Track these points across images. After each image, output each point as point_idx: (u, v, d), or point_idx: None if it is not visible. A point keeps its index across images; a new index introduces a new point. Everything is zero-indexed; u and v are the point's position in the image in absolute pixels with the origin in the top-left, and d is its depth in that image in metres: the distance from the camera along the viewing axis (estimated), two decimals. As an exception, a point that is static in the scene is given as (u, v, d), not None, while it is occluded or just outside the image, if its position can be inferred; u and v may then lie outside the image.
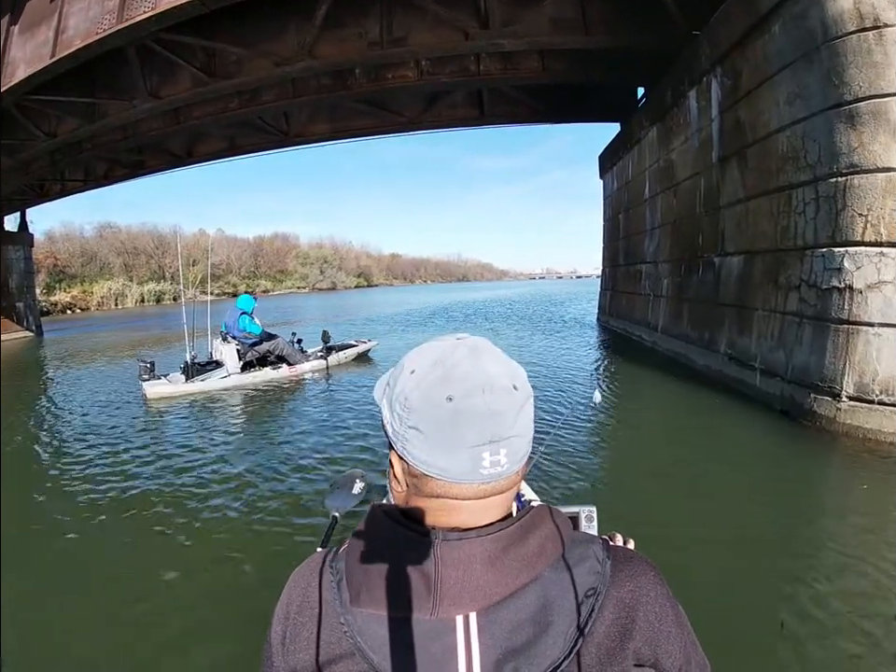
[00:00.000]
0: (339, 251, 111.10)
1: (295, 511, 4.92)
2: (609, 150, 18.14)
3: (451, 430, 0.74)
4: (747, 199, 8.66)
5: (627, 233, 16.54)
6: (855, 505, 4.82)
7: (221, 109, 15.91)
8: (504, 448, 0.75)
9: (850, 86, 6.29)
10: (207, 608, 3.45)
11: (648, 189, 14.03)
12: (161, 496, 5.36)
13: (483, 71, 13.82)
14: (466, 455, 0.75)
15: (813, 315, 6.86)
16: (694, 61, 10.12)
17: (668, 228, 12.59)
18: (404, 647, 0.73)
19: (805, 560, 3.76)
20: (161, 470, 6.13)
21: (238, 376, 10.62)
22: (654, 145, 13.26)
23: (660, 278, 13.22)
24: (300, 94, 15.07)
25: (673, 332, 12.02)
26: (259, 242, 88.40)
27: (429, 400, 0.76)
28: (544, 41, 11.74)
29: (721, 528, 4.28)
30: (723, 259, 9.58)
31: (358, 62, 12.95)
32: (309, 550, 1.39)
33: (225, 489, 5.51)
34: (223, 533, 4.54)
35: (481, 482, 0.76)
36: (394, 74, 14.18)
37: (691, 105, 10.62)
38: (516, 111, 17.52)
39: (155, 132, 17.37)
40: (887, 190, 6.09)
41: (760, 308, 8.18)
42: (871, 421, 6.10)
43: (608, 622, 0.75)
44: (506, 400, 0.76)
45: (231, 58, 12.95)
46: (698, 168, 10.52)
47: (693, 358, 10.60)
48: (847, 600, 3.25)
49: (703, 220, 10.43)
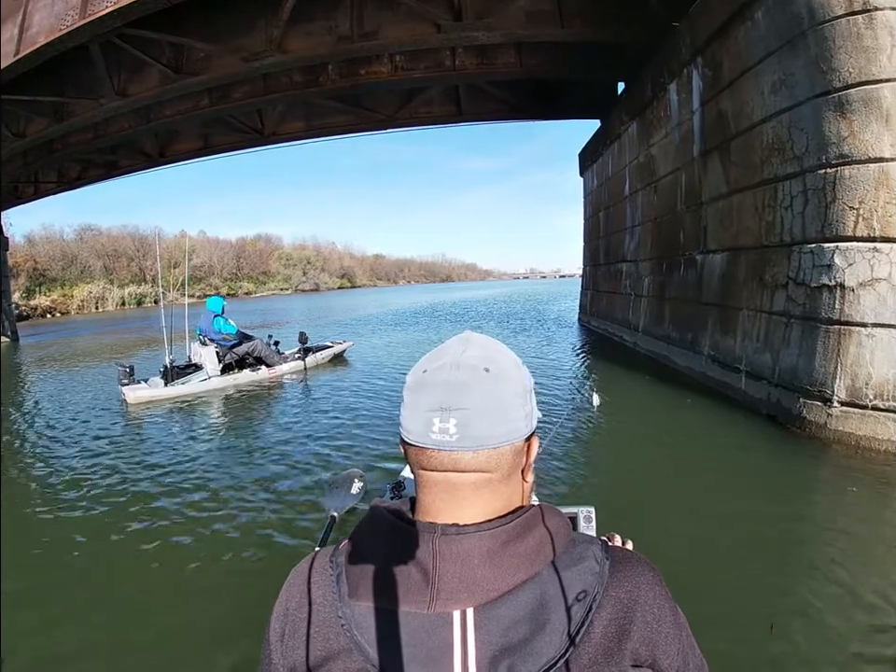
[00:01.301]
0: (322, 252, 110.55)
1: (290, 510, 4.87)
2: (589, 147, 17.78)
3: (414, 395, 0.80)
4: (730, 194, 8.22)
5: (608, 232, 16.19)
6: (847, 515, 4.50)
7: (192, 107, 15.60)
8: (454, 418, 0.76)
9: (839, 72, 5.88)
10: (206, 610, 3.42)
11: (628, 185, 13.63)
12: (149, 501, 5.24)
13: (459, 66, 13.45)
14: (420, 418, 0.78)
15: (801, 314, 6.42)
16: (674, 52, 9.69)
17: (649, 225, 12.17)
18: (401, 641, 0.73)
19: (792, 570, 3.64)
20: (149, 474, 5.97)
21: (218, 379, 10.50)
22: (634, 140, 12.84)
23: (641, 277, 12.81)
24: (271, 91, 14.75)
25: (654, 333, 11.60)
26: (242, 243, 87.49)
27: (413, 374, 0.82)
28: (519, 34, 11.38)
29: (705, 540, 4.08)
30: (706, 256, 9.14)
31: (329, 56, 12.63)
32: (307, 550, 1.55)
33: (216, 492, 5.40)
34: (217, 535, 4.48)
35: (431, 446, 0.77)
36: (367, 70, 13.83)
37: (671, 99, 10.19)
38: (494, 108, 17.21)
39: (126, 131, 17.05)
40: (879, 182, 5.67)
41: (744, 307, 7.73)
42: (864, 428, 5.68)
43: (605, 621, 0.73)
44: (470, 377, 0.78)
45: (198, 54, 12.69)
46: (679, 163, 10.08)
47: (674, 360, 10.17)
48: (837, 607, 3.21)
49: (684, 217, 10.00)
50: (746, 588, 3.38)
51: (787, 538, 4.06)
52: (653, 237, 11.95)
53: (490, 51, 13.15)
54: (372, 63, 13.68)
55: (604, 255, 16.75)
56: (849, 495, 4.77)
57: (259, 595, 3.22)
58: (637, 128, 12.59)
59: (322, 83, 14.20)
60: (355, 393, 9.65)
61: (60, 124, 15.29)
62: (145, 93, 13.70)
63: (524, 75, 13.99)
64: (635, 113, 12.54)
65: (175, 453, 6.74)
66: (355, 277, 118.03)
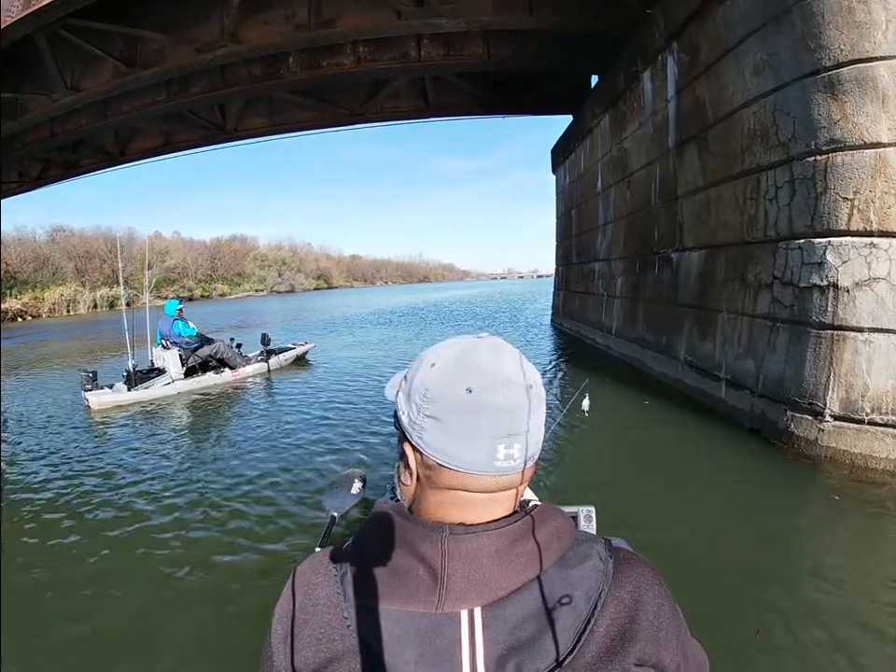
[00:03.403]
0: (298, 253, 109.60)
1: (275, 512, 4.79)
2: (561, 143, 17.09)
3: (469, 421, 0.74)
4: (707, 186, 7.49)
5: (580, 230, 15.49)
6: (837, 545, 3.98)
7: (150, 102, 14.94)
8: (518, 443, 0.75)
9: (829, 50, 5.17)
10: (204, 611, 3.35)
11: (600, 181, 12.91)
12: (120, 508, 5.06)
13: (425, 57, 12.65)
14: (482, 446, 0.74)
15: (789, 318, 5.71)
16: (648, 39, 8.96)
17: (622, 222, 11.46)
18: (408, 641, 0.71)
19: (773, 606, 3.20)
20: (114, 482, 5.77)
21: (182, 382, 10.40)
22: (607, 133, 12.12)
23: (613, 277, 12.08)
24: (230, 85, 14.00)
25: (628, 336, 10.88)
26: (217, 244, 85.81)
27: (449, 391, 0.75)
28: (485, 21, 10.64)
29: (672, 577, 3.34)
30: (682, 254, 8.43)
31: (286, 46, 11.93)
32: (303, 550, 2.02)
33: (196, 495, 5.25)
34: (209, 537, 4.37)
35: (494, 473, 0.75)
36: (329, 61, 13.07)
37: (645, 88, 9.47)
38: (463, 102, 16.46)
39: (83, 128, 16.38)
40: (876, 169, 4.97)
41: (724, 310, 7.02)
42: (860, 444, 4.99)
43: (609, 620, 0.73)
44: (522, 397, 0.76)
45: (151, 46, 12.10)
46: (653, 155, 9.36)
47: (649, 365, 9.45)
48: (823, 618, 3.02)
49: (659, 212, 9.28)
50: (725, 598, 3.21)
51: (769, 572, 3.52)
52: (626, 235, 11.24)
53: (457, 41, 12.38)
54: (335, 54, 12.93)
55: (576, 254, 16.07)
56: (841, 521, 4.26)
57: (258, 596, 3.34)
58: (609, 121, 11.86)
59: (283, 75, 13.43)
60: (319, 393, 9.66)
61: (14, 121, 14.38)
62: (98, 88, 13.05)
63: (492, 66, 13.25)
64: (607, 105, 11.81)
65: (143, 458, 6.56)
66: (331, 278, 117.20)
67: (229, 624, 3.18)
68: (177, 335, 10.71)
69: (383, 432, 6.97)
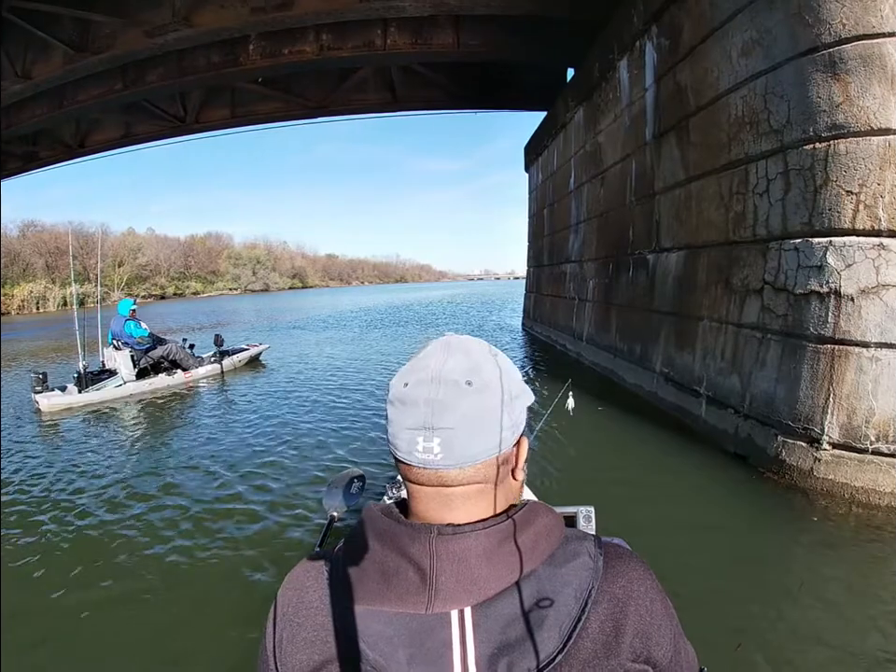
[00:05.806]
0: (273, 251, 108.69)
1: (276, 512, 4.68)
2: (534, 140, 16.34)
3: (397, 411, 0.75)
4: (688, 181, 6.71)
5: (552, 230, 14.74)
6: (833, 592, 3.36)
7: (107, 91, 14.20)
8: (438, 438, 0.72)
9: (830, 24, 4.43)
10: (203, 613, 3.28)
11: (573, 178, 12.13)
12: (75, 513, 4.86)
13: (391, 45, 11.81)
14: (405, 436, 0.74)
15: (781, 329, 4.93)
16: (625, 24, 8.19)
17: (595, 222, 10.67)
18: (400, 642, 0.70)
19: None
20: (66, 484, 5.62)
21: (134, 384, 10.16)
22: (581, 128, 11.32)
23: (585, 279, 11.30)
24: (188, 73, 13.21)
25: (599, 343, 10.11)
26: (191, 241, 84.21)
27: (396, 384, 0.77)
28: (452, 4, 9.84)
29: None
30: (658, 255, 7.66)
31: (241, 30, 11.22)
32: (298, 550, 2.08)
33: (152, 499, 5.10)
34: (200, 541, 4.24)
35: (417, 465, 0.74)
36: (291, 49, 12.24)
37: (621, 77, 8.68)
38: (432, 95, 15.68)
39: (39, 118, 15.70)
40: (885, 159, 4.23)
41: (705, 318, 6.24)
42: (862, 477, 4.29)
43: (601, 617, 0.71)
44: (451, 394, 0.73)
45: (103, 30, 11.58)
46: (629, 149, 8.56)
47: (622, 375, 8.67)
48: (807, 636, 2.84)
49: (634, 210, 8.50)
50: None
51: (753, 624, 3.00)
52: (599, 234, 10.46)
53: (425, 29, 11.57)
54: (297, 41, 12.10)
55: (548, 255, 15.32)
56: (838, 564, 3.65)
57: (256, 598, 3.35)
58: (583, 114, 11.07)
59: (242, 63, 12.58)
60: (272, 394, 9.65)
61: (-36, 110, 13.76)
62: (49, 74, 12.58)
63: (463, 57, 12.48)
64: (581, 98, 11.01)
65: (94, 461, 6.40)
66: (306, 277, 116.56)
67: (221, 628, 3.11)
68: (129, 335, 10.40)
69: (335, 429, 7.09)
